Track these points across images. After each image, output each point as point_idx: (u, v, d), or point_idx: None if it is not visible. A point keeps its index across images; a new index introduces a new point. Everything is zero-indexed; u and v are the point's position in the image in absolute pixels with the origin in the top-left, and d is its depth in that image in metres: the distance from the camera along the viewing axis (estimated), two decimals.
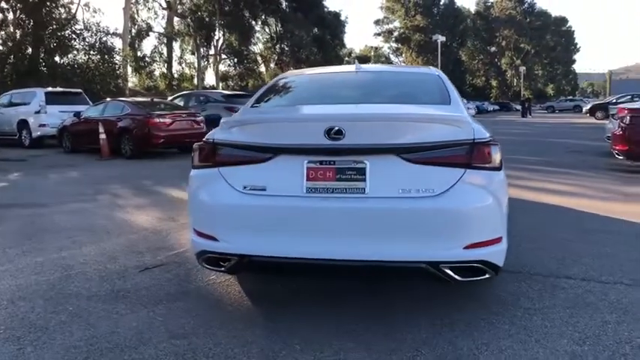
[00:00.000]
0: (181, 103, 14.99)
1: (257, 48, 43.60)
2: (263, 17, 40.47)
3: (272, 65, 43.27)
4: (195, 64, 39.53)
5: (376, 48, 53.29)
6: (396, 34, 52.13)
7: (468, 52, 62.61)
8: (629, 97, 27.90)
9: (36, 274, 3.41)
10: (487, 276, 2.43)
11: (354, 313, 2.68)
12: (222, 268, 2.65)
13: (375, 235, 2.34)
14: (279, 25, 39.61)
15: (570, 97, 59.57)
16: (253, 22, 40.53)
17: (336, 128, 2.35)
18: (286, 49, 38.99)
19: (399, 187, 2.36)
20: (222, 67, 41.52)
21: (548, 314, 2.60)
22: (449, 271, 2.34)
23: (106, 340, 2.43)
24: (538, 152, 10.21)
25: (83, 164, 10.32)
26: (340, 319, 2.61)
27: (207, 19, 36.24)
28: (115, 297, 2.99)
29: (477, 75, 65.88)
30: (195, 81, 38.66)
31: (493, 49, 67.12)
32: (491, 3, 67.13)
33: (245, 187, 2.49)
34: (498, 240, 2.43)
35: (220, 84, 39.15)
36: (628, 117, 7.36)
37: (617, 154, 7.67)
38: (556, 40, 74.51)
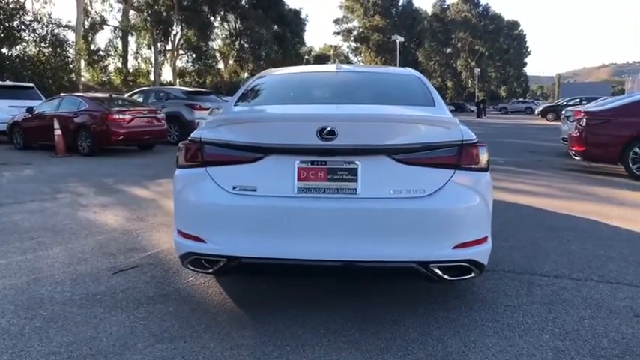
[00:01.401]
0: (140, 100, 14.53)
1: (216, 44, 42.94)
2: (222, 13, 39.83)
3: (231, 62, 42.69)
4: (152, 60, 38.41)
5: (336, 47, 53.55)
6: (355, 33, 52.63)
7: (425, 53, 63.96)
8: (577, 99, 29.37)
9: (1, 278, 3.22)
10: (473, 275, 2.49)
11: (342, 313, 2.68)
12: (210, 270, 2.59)
13: (366, 235, 2.35)
14: (239, 22, 39.12)
15: (522, 99, 61.96)
16: (212, 18, 39.82)
17: (329, 128, 2.35)
18: (246, 46, 38.53)
19: (391, 187, 2.38)
20: (179, 63, 40.54)
21: (528, 310, 2.71)
22: (438, 271, 2.38)
23: (87, 345, 2.34)
24: (498, 153, 10.56)
25: (38, 162, 9.83)
26: (329, 318, 2.61)
27: (164, 14, 35.26)
28: (92, 301, 2.87)
29: (434, 76, 67.43)
30: (152, 77, 37.57)
31: (449, 50, 68.85)
32: (448, 5, 68.84)
33: (235, 188, 2.45)
34: (484, 239, 2.50)
35: (178, 80, 38.22)
36: (584, 120, 7.72)
37: (574, 155, 8.04)
38: (509, 43, 77.21)
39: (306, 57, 46.33)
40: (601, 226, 4.59)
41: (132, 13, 37.07)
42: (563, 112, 13.14)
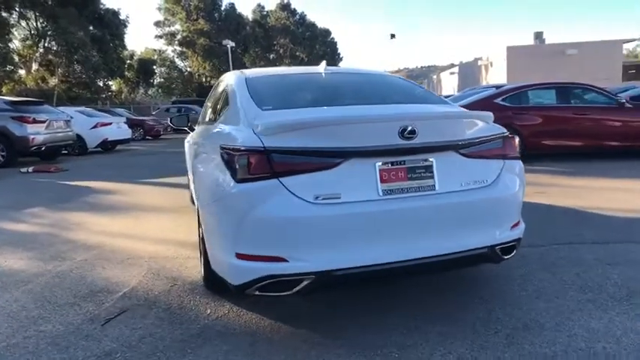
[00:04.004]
0: None
1: (13, 45, 36.68)
2: (19, 10, 34.23)
3: (35, 67, 37.02)
4: None
5: (160, 51, 50.59)
6: (179, 37, 50.50)
7: (250, 59, 64.83)
8: None
9: None
10: (515, 252, 2.76)
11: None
12: (287, 293, 2.34)
13: (448, 229, 2.45)
14: (41, 21, 34.10)
15: None
16: (6, 15, 33.90)
17: (410, 127, 2.36)
18: (56, 48, 33.84)
19: (461, 180, 2.52)
20: None
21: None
22: (499, 252, 2.61)
23: None
24: None
25: None
26: (401, 319, 2.58)
27: None
28: None
29: None
30: None
31: (272, 56, 70.93)
32: (267, 12, 70.80)
33: (317, 197, 2.26)
34: (520, 219, 2.82)
35: None
36: None
37: None
38: (324, 49, 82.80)
39: (129, 61, 42.72)
40: None
41: None
42: None
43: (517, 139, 2.83)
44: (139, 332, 2.62)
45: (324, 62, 3.44)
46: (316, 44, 76.57)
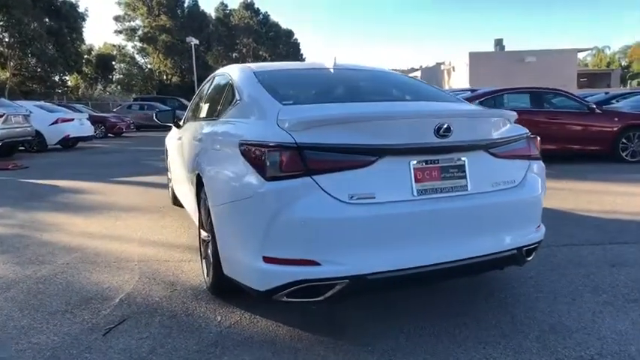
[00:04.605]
0: None
1: None
2: None
3: None
4: None
5: (120, 46, 48.80)
6: (140, 33, 48.93)
7: (213, 57, 63.79)
8: None
9: None
10: (535, 253, 2.72)
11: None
12: (318, 299, 2.20)
13: (480, 230, 2.39)
14: None
15: None
16: None
17: (446, 125, 2.26)
18: (8, 40, 32.04)
19: (491, 181, 2.45)
20: None
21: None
22: (524, 254, 2.57)
23: None
24: None
25: None
26: (417, 319, 2.49)
27: None
28: None
29: None
30: None
31: (235, 55, 70.04)
32: (230, 11, 69.88)
33: (352, 197, 2.13)
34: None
35: None
36: None
37: None
38: (287, 49, 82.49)
39: (87, 56, 40.95)
40: None
41: None
42: None
43: (539, 140, 2.79)
44: (147, 343, 2.41)
45: (334, 57, 3.29)
46: (279, 44, 76.25)
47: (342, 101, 2.77)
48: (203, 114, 3.82)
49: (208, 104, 3.81)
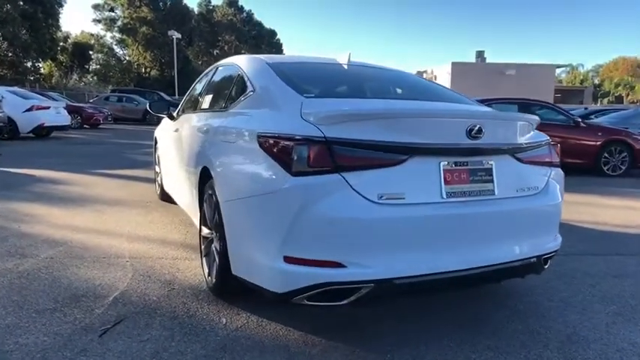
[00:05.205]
0: None
1: None
2: None
3: None
4: None
5: (98, 36, 47.57)
6: (119, 23, 47.84)
7: (194, 53, 62.96)
8: None
9: None
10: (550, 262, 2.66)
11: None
12: (342, 302, 2.07)
13: (505, 236, 2.32)
14: None
15: None
16: None
17: (478, 127, 2.18)
18: None
19: (516, 186, 2.39)
20: None
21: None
22: (542, 262, 2.51)
23: None
24: None
25: None
26: (431, 325, 2.39)
27: None
28: None
29: None
30: None
31: (217, 51, 69.32)
32: (213, 7, 69.13)
33: (381, 197, 2.02)
34: None
35: None
36: None
37: None
38: (269, 49, 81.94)
39: (63, 43, 39.78)
40: None
41: None
42: None
43: (559, 147, 2.75)
44: (149, 346, 2.24)
45: (349, 53, 3.18)
46: (262, 44, 75.83)
47: (364, 97, 2.67)
48: (206, 105, 3.65)
49: (212, 95, 3.64)
